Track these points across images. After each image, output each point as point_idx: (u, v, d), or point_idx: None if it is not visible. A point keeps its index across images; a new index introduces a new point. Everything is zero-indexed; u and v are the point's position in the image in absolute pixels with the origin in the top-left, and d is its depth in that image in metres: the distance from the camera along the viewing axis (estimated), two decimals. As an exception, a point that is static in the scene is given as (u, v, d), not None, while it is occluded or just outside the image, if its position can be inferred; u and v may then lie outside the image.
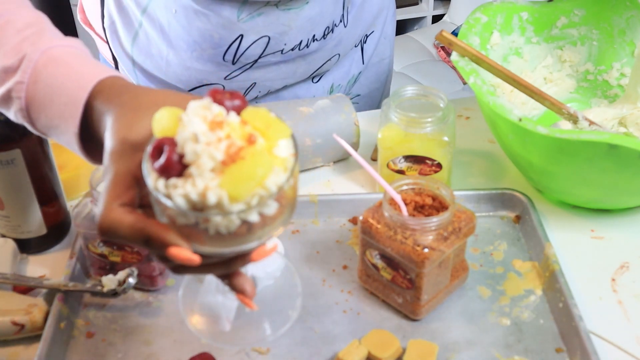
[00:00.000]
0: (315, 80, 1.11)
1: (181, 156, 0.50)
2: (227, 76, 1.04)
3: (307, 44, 1.02)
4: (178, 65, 1.03)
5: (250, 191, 0.49)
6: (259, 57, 1.01)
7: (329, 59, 1.08)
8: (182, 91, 1.03)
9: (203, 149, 0.49)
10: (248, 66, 1.02)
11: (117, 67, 1.11)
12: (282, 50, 1.01)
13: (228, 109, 0.52)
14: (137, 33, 1.03)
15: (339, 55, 1.08)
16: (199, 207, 0.49)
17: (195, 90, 1.05)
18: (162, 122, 0.52)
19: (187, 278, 0.72)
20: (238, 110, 0.52)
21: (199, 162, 0.49)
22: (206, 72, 1.03)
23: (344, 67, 1.13)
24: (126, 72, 1.09)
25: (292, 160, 0.52)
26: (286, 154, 0.52)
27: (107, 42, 1.09)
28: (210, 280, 0.71)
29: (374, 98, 1.22)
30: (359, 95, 1.19)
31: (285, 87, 1.09)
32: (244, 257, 0.56)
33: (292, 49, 1.01)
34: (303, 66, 1.06)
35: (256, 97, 1.08)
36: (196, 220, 0.50)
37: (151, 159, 0.51)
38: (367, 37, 1.13)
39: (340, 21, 1.04)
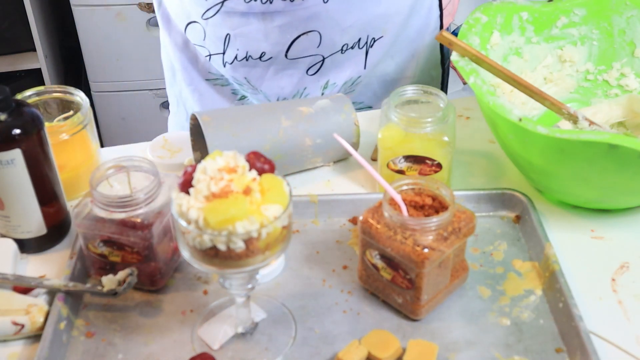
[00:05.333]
0: (310, 72, 1.10)
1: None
2: (204, 13, 1.06)
3: None
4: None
5: (220, 223, 0.61)
6: None
7: (305, 34, 1.03)
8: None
9: (204, 180, 0.63)
10: (219, 5, 1.04)
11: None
12: None
13: (254, 167, 0.65)
14: None
15: (320, 35, 1.04)
16: (184, 218, 0.63)
17: (187, 27, 1.11)
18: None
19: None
20: (261, 172, 0.65)
21: (197, 187, 0.63)
22: (190, 5, 1.07)
23: (342, 66, 1.09)
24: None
25: (272, 221, 0.63)
26: (271, 215, 0.63)
27: None
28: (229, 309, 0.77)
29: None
30: (362, 102, 1.16)
31: (267, 60, 1.08)
32: None
33: None
34: (274, 32, 1.04)
35: (235, 58, 1.08)
36: (180, 228, 0.64)
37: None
38: (374, 40, 1.08)
39: None
